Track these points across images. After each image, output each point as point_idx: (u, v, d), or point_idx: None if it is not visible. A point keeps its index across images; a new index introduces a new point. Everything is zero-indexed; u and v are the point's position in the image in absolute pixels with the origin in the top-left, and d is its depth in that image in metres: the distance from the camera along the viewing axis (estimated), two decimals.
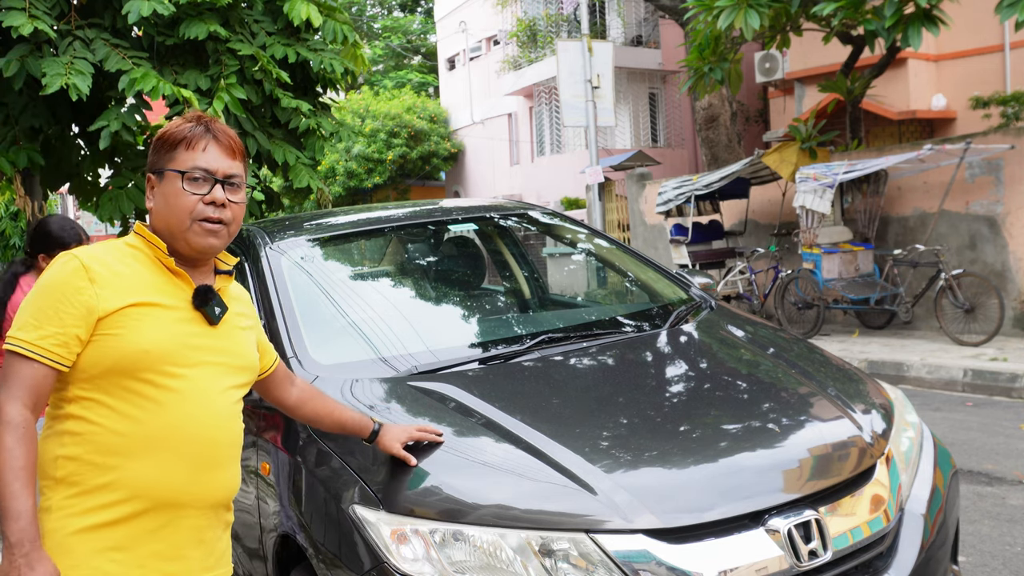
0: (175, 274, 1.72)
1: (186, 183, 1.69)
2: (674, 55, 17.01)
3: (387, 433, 2.08)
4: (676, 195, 10.59)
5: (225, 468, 1.73)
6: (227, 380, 1.74)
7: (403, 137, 23.26)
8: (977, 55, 14.95)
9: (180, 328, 1.68)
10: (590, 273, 11.95)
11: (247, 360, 1.81)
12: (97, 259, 1.65)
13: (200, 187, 1.69)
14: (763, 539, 1.93)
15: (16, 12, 4.92)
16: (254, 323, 1.92)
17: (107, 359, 1.60)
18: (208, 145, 1.71)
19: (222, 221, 1.71)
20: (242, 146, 1.79)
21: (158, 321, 1.65)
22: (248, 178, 1.84)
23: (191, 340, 1.68)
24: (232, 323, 1.78)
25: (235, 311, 1.81)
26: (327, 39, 6.09)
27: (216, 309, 1.73)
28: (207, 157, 1.70)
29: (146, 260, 1.71)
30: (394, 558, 1.89)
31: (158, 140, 1.74)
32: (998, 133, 8.61)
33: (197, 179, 1.69)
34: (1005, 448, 5.10)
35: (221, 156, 1.72)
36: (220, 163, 1.71)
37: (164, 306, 1.67)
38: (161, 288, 1.69)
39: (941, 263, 8.09)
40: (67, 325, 1.58)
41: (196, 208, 1.68)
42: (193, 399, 1.65)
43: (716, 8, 8.95)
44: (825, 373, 2.68)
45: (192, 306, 1.71)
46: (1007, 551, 3.58)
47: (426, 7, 34.74)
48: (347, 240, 3.41)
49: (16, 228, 15.36)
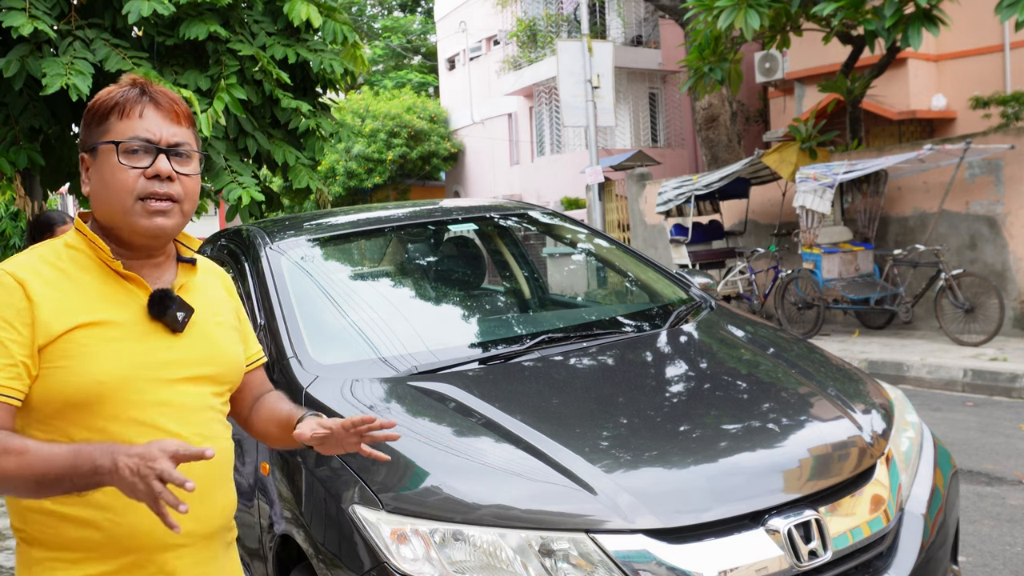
0: (125, 278, 1.44)
1: (122, 156, 1.41)
2: (674, 55, 17.00)
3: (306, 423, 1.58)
4: (676, 195, 10.59)
5: (218, 493, 1.50)
6: (203, 390, 1.48)
7: (403, 137, 23.26)
8: (977, 55, 14.95)
9: (137, 347, 1.41)
10: (590, 273, 11.94)
11: (227, 362, 1.55)
12: (32, 271, 1.39)
13: (140, 159, 1.41)
14: (763, 539, 1.93)
15: (16, 12, 4.93)
16: (232, 313, 1.63)
17: (58, 396, 1.35)
18: (144, 110, 1.43)
19: (171, 198, 1.43)
20: (188, 111, 1.50)
21: (109, 343, 1.38)
22: (211, 153, 1.55)
23: (154, 358, 1.42)
24: (204, 323, 1.52)
25: (206, 308, 1.54)
26: (327, 39, 6.09)
27: (179, 315, 1.45)
28: (145, 124, 1.42)
29: (90, 264, 1.44)
30: (394, 558, 1.88)
31: (87, 113, 1.46)
32: (998, 133, 8.61)
33: (136, 151, 1.41)
34: (1005, 448, 5.09)
35: (162, 122, 1.44)
36: (162, 130, 1.43)
37: (114, 323, 1.40)
38: (110, 299, 1.42)
39: (941, 263, 8.09)
40: (15, 354, 1.33)
41: (137, 185, 1.40)
42: (166, 426, 1.40)
43: (716, 8, 8.95)
44: (825, 373, 2.68)
45: (148, 316, 1.44)
46: (1007, 551, 3.58)
47: (426, 7, 34.74)
48: (347, 240, 3.41)
49: (16, 228, 15.35)
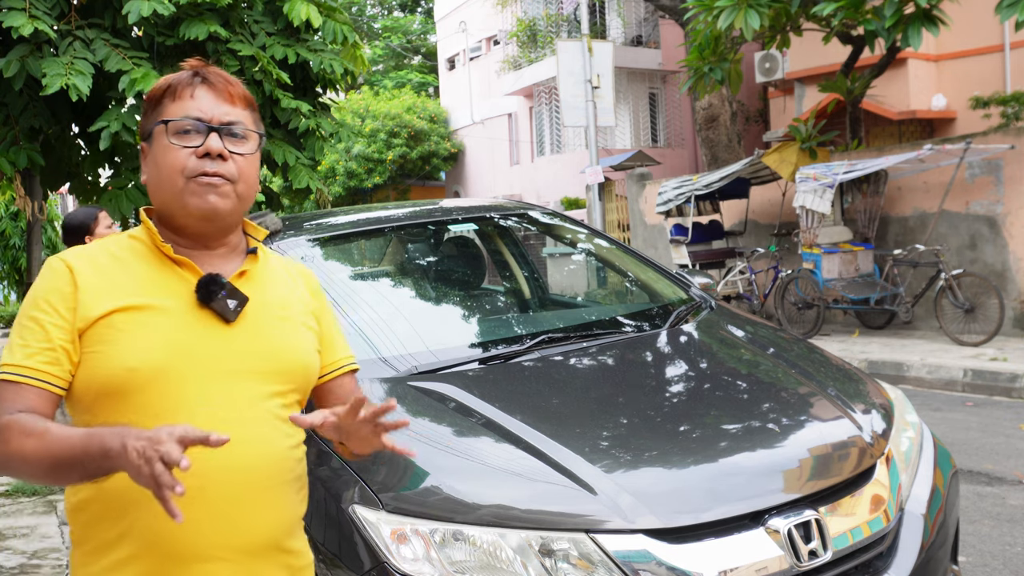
0: (177, 264, 1.39)
1: (172, 136, 1.37)
2: (674, 55, 17.01)
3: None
4: (676, 195, 10.59)
5: (266, 504, 1.37)
6: (259, 389, 1.38)
7: (403, 137, 23.26)
8: (977, 55, 14.95)
9: (181, 334, 1.34)
10: (590, 273, 11.94)
11: (288, 359, 1.43)
12: (87, 257, 1.37)
13: (191, 139, 1.38)
14: (763, 539, 1.93)
15: (16, 12, 4.92)
16: (308, 312, 1.52)
17: (94, 383, 1.31)
18: (196, 91, 1.40)
19: (223, 176, 1.38)
20: (245, 93, 1.47)
21: (150, 329, 1.32)
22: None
23: (200, 347, 1.35)
24: (262, 315, 1.43)
25: (270, 301, 1.45)
26: (327, 39, 6.09)
27: (230, 302, 1.38)
28: (197, 103, 1.39)
29: (146, 253, 1.40)
30: (394, 558, 1.88)
31: (145, 102, 1.45)
32: (998, 133, 8.61)
33: (188, 131, 1.38)
34: (1005, 448, 5.10)
35: (215, 101, 1.41)
36: (214, 109, 1.40)
37: (158, 308, 1.34)
38: (159, 285, 1.37)
39: (941, 263, 8.09)
40: (54, 338, 1.30)
41: (188, 163, 1.36)
42: (206, 424, 1.27)
43: (716, 8, 8.95)
44: (825, 373, 2.68)
45: (197, 303, 1.37)
46: (1007, 551, 3.58)
47: (426, 7, 34.73)
48: (347, 240, 3.41)
49: (16, 228, 15.35)
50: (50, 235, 15.28)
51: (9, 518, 4.65)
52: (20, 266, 15.51)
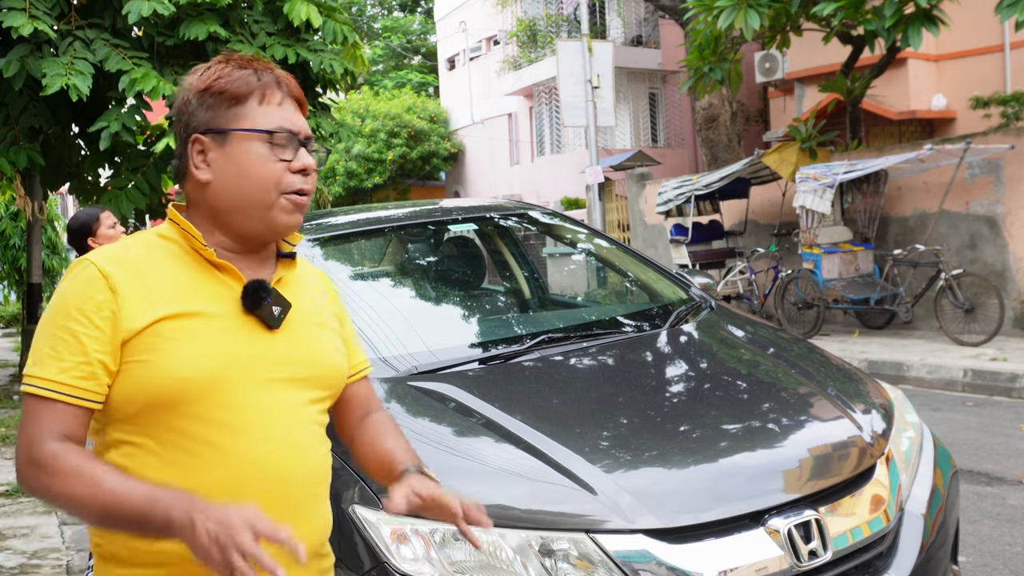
0: (219, 268, 1.33)
1: (267, 145, 1.31)
2: (674, 55, 17.01)
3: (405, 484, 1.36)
4: (676, 195, 10.60)
5: (304, 513, 1.34)
6: (299, 396, 1.35)
7: (403, 137, 23.27)
8: (977, 55, 14.95)
9: (229, 340, 1.29)
10: (590, 273, 11.95)
11: (327, 365, 1.41)
12: (119, 261, 1.28)
13: (285, 152, 1.32)
14: (763, 539, 1.93)
15: (16, 12, 4.93)
16: (332, 315, 1.50)
17: (140, 394, 1.24)
18: (284, 99, 1.34)
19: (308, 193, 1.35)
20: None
21: (199, 337, 1.27)
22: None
23: (247, 354, 1.30)
24: (300, 321, 1.39)
25: (305, 307, 1.42)
26: (327, 39, 6.10)
27: (275, 309, 1.33)
28: (286, 113, 1.33)
29: (182, 255, 1.33)
30: (394, 558, 1.88)
31: (209, 92, 1.33)
32: (998, 133, 8.62)
33: (283, 144, 1.33)
34: (1005, 448, 5.10)
35: (295, 112, 1.35)
36: (298, 121, 1.34)
37: (205, 315, 1.29)
38: (202, 290, 1.31)
39: (941, 263, 8.09)
40: (90, 351, 1.23)
41: (284, 178, 1.31)
42: (256, 432, 1.28)
43: (716, 8, 8.96)
44: (825, 373, 2.68)
45: (243, 309, 1.32)
46: (1007, 551, 3.58)
47: (426, 7, 34.73)
48: (347, 240, 3.41)
49: (16, 228, 15.34)
50: (50, 235, 15.27)
51: (9, 518, 4.65)
52: (20, 266, 15.48)
